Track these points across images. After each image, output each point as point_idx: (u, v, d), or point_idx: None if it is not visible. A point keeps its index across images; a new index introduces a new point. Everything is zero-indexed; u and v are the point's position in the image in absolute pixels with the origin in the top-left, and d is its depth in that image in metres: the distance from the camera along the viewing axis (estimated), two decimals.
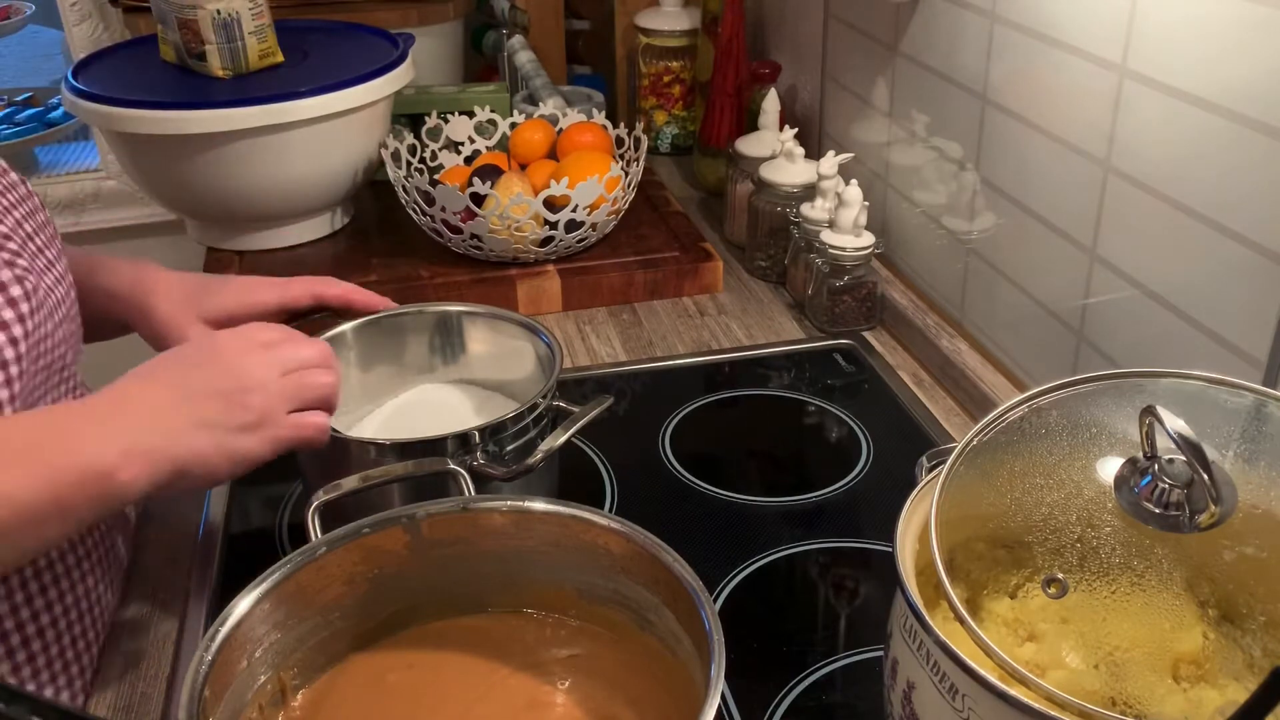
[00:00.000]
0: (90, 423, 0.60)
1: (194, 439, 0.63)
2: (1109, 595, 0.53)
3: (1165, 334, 0.79)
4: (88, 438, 0.59)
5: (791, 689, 0.71)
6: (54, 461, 0.57)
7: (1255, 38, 0.68)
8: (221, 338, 0.69)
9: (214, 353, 0.67)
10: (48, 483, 0.57)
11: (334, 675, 0.61)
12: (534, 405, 0.77)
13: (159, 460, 0.61)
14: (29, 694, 0.41)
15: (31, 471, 0.56)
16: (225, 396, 0.65)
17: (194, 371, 0.65)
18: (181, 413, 0.63)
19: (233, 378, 0.65)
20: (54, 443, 0.58)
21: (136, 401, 0.63)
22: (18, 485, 0.56)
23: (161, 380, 0.65)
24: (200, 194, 1.21)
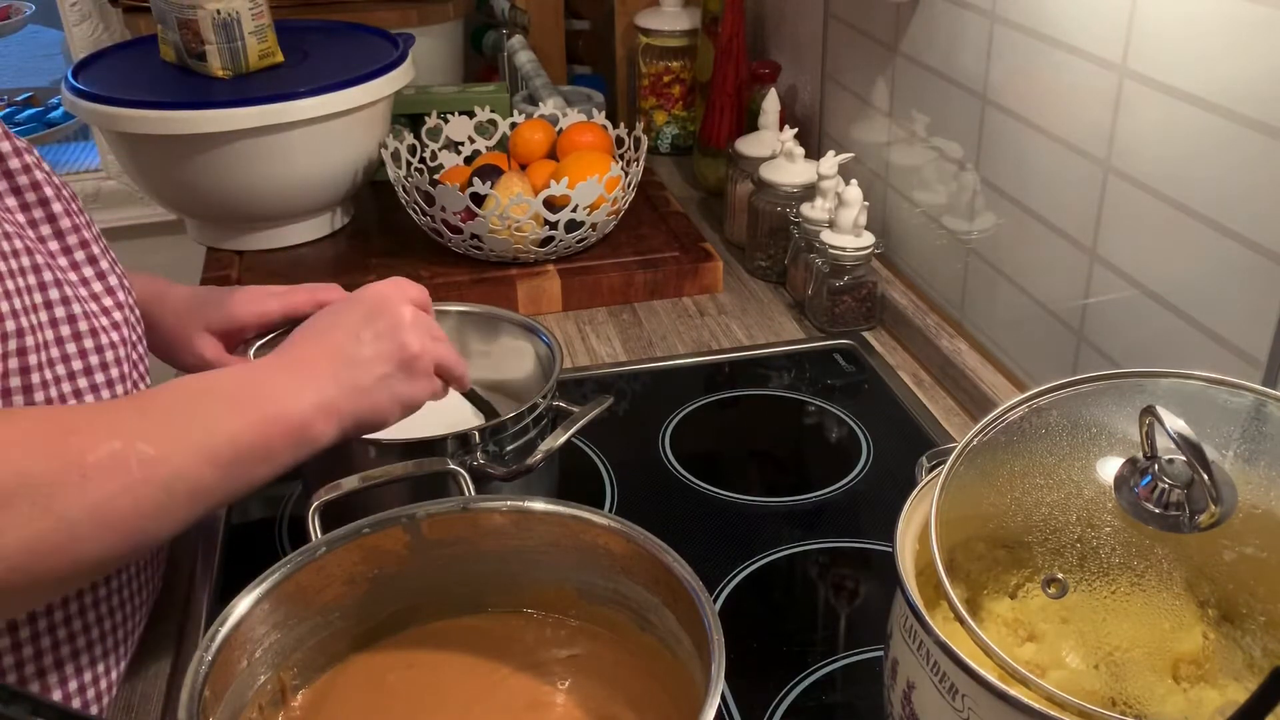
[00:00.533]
0: (289, 378, 0.68)
1: (374, 394, 0.70)
2: (1109, 595, 0.53)
3: (1165, 334, 0.79)
4: (289, 392, 0.66)
5: (791, 689, 0.71)
6: (265, 411, 0.64)
7: (1255, 37, 0.68)
8: (385, 289, 0.74)
9: (382, 302, 0.73)
10: (261, 429, 0.64)
11: (334, 675, 0.61)
12: (534, 405, 0.77)
13: (345, 414, 0.68)
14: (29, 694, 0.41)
15: (249, 418, 0.64)
16: (393, 343, 0.71)
17: (366, 326, 0.71)
18: (363, 370, 0.70)
19: (398, 326, 0.72)
20: (263, 395, 0.66)
21: (323, 360, 0.69)
22: (240, 429, 0.63)
23: (340, 334, 0.71)
24: (200, 194, 1.21)
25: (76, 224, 0.69)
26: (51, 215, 0.68)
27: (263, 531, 0.87)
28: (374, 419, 0.71)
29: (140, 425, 0.59)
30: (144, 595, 0.76)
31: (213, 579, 0.81)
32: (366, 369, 0.70)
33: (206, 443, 0.61)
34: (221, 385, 0.67)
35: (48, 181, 0.68)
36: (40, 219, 0.67)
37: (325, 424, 0.67)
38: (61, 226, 0.68)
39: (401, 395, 0.71)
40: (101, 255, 0.70)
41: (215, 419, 0.63)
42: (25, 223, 0.67)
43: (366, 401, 0.69)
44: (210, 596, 0.79)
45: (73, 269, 0.68)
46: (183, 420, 0.62)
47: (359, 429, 0.70)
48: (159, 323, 0.84)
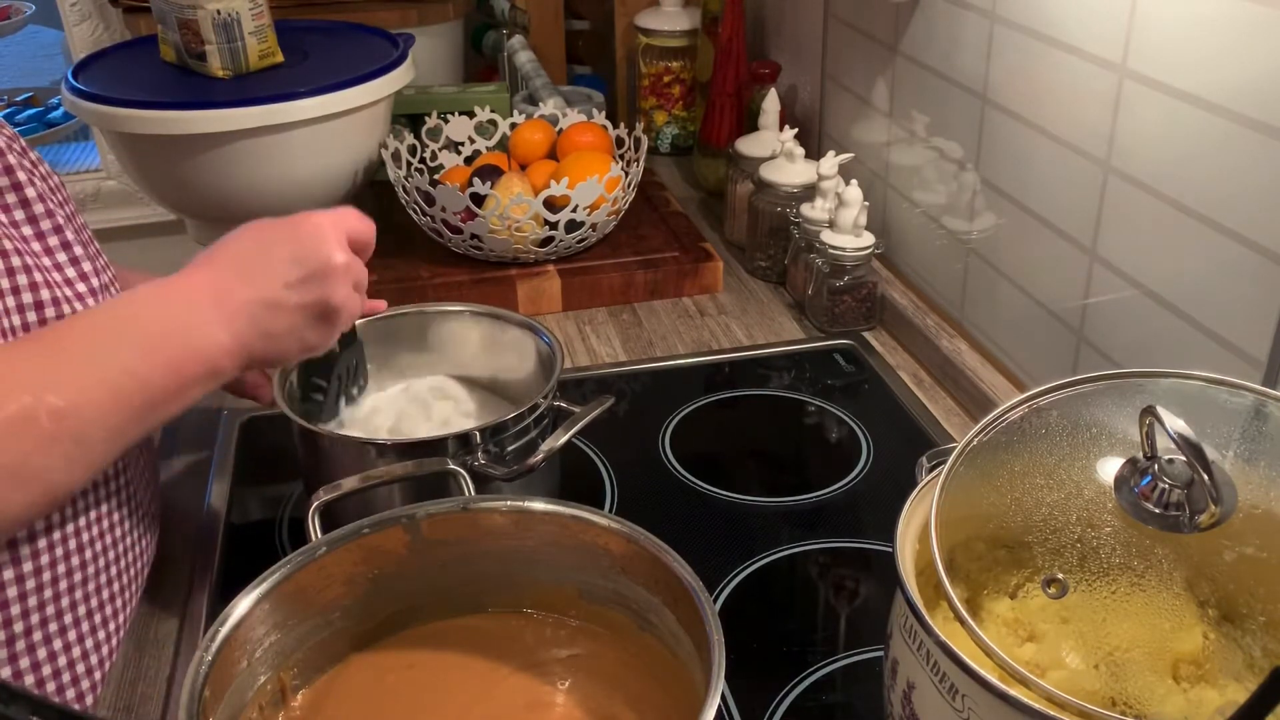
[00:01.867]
0: (208, 312, 0.67)
1: (284, 339, 0.70)
2: (1109, 595, 0.53)
3: (1165, 334, 0.79)
4: (205, 328, 0.66)
5: (791, 689, 0.71)
6: (179, 352, 0.64)
7: (1255, 38, 0.68)
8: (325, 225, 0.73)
9: (317, 243, 0.71)
10: (174, 369, 0.64)
11: (334, 675, 0.61)
12: (535, 405, 0.77)
13: (252, 355, 0.69)
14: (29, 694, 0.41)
15: (162, 359, 0.64)
16: (318, 293, 0.70)
17: (296, 266, 0.70)
18: (282, 317, 0.69)
19: (327, 274, 0.71)
20: (178, 333, 0.65)
21: (245, 296, 0.68)
22: (152, 370, 0.63)
23: (268, 271, 0.70)
24: (200, 194, 1.21)
25: (50, 209, 0.69)
26: (25, 200, 0.68)
27: (263, 531, 0.87)
28: (274, 360, 0.72)
29: (49, 375, 0.59)
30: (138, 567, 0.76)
31: (213, 579, 0.81)
32: (285, 316, 0.69)
33: (118, 386, 0.61)
34: (136, 319, 0.65)
35: (20, 167, 0.68)
36: (13, 204, 0.67)
37: (232, 363, 0.67)
38: (35, 212, 0.68)
39: (308, 342, 0.72)
40: (75, 241, 0.70)
41: (127, 360, 0.62)
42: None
43: (274, 346, 0.70)
44: (210, 596, 0.79)
45: (45, 254, 0.68)
46: (91, 363, 0.61)
47: (255, 365, 0.71)
48: None
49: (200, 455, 0.95)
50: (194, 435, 0.97)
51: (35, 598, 0.67)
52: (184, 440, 0.97)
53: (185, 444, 0.97)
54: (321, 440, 0.77)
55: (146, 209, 1.83)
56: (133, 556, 0.76)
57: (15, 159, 0.68)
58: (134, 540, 0.76)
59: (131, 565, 0.76)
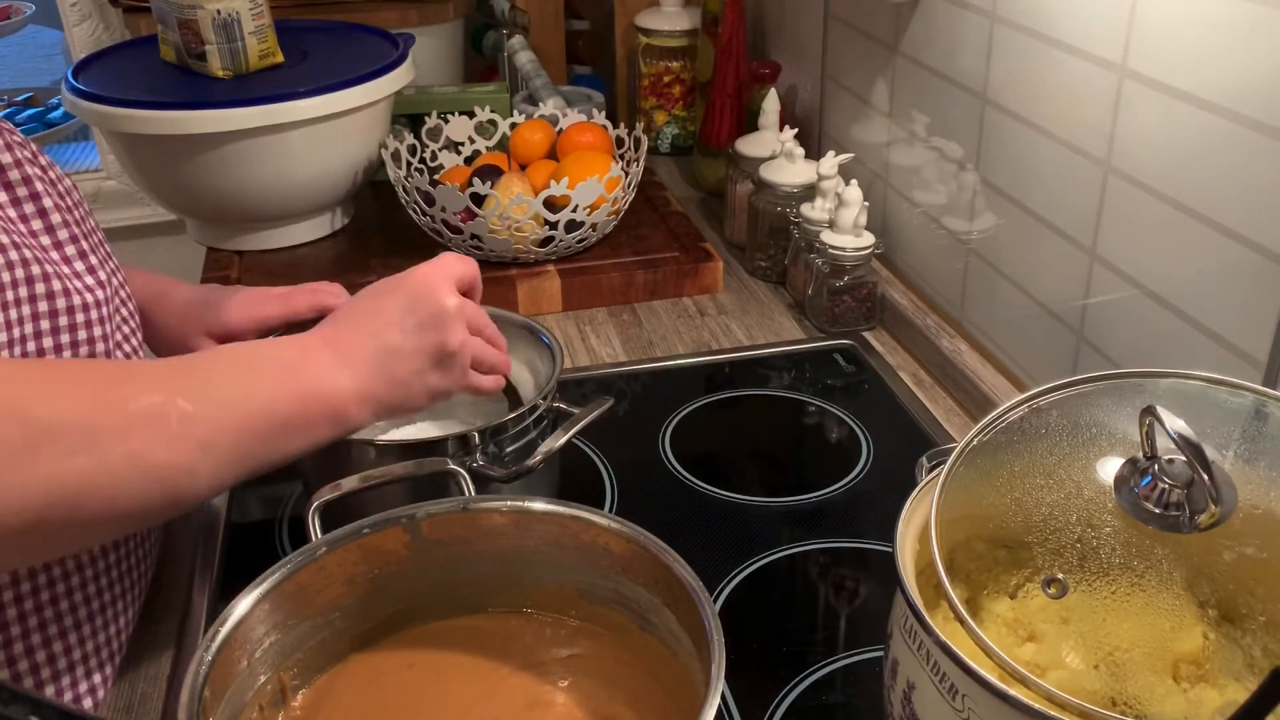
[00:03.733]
0: (331, 359, 0.69)
1: (409, 385, 0.72)
2: (1109, 595, 0.53)
3: (1165, 334, 0.79)
4: (330, 372, 0.69)
5: (791, 689, 0.71)
6: (305, 386, 0.67)
7: (1255, 38, 0.68)
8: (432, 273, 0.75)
9: (429, 292, 0.73)
10: (300, 403, 0.66)
11: (334, 675, 0.61)
12: (534, 406, 0.77)
13: (380, 402, 0.71)
14: (29, 694, 0.40)
15: (288, 390, 0.66)
16: (434, 337, 0.72)
17: (409, 314, 0.72)
18: (402, 362, 0.72)
19: (441, 319, 0.73)
20: (304, 371, 0.68)
21: (365, 346, 0.71)
22: (279, 398, 0.65)
23: (383, 321, 0.72)
24: (200, 194, 1.21)
25: (58, 205, 0.69)
26: (35, 194, 0.68)
27: (263, 531, 0.87)
28: (405, 407, 0.73)
29: (181, 383, 0.62)
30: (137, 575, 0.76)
31: (213, 579, 0.81)
32: (405, 361, 0.72)
33: (244, 408, 0.64)
34: (264, 355, 0.69)
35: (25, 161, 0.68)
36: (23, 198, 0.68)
37: (360, 409, 0.70)
38: (44, 205, 0.68)
39: (434, 387, 0.74)
40: (84, 237, 0.70)
41: (255, 386, 0.65)
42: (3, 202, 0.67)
43: (401, 392, 0.72)
44: (210, 596, 0.79)
45: (55, 248, 0.68)
46: (223, 383, 0.64)
47: (389, 415, 0.73)
48: (160, 324, 0.85)
49: None
50: None
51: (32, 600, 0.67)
52: None
53: None
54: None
55: (146, 209, 1.83)
56: (135, 559, 0.76)
57: (17, 154, 0.68)
58: (137, 542, 0.76)
59: (135, 568, 0.76)
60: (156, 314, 0.85)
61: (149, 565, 0.79)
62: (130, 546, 0.75)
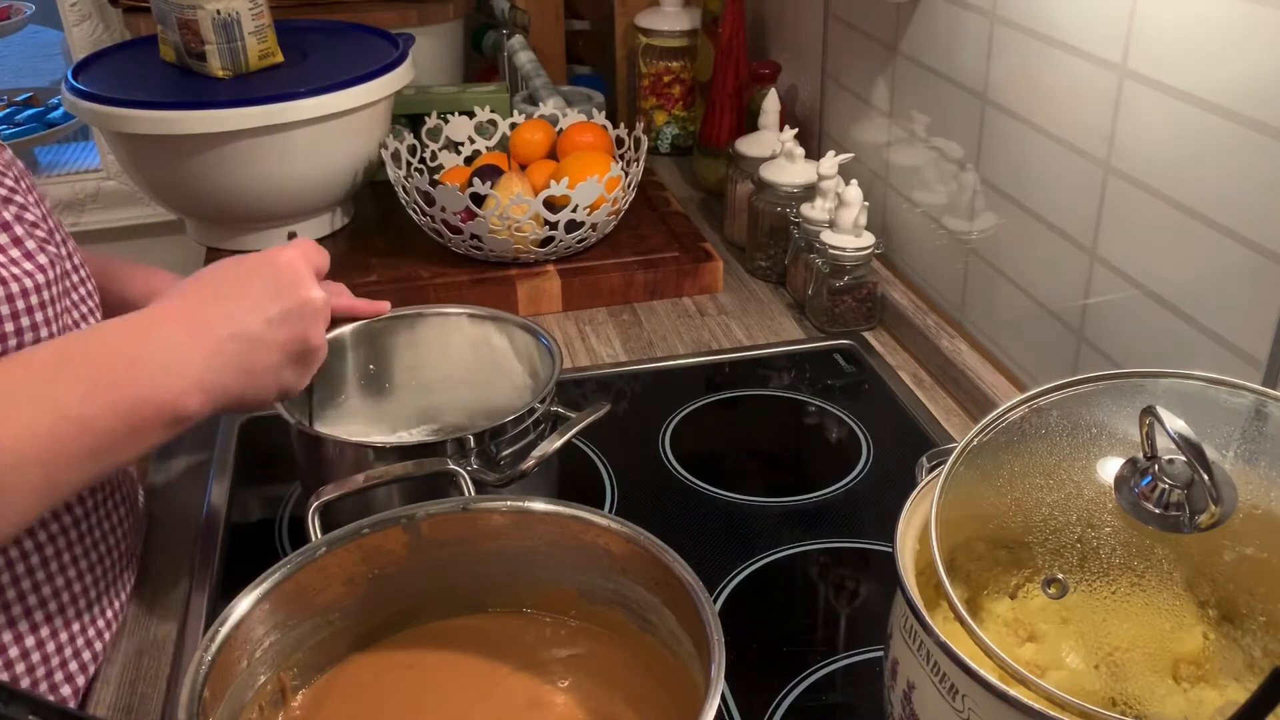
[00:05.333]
0: (182, 344, 0.63)
1: (261, 378, 0.67)
2: (1109, 595, 0.53)
3: (1165, 334, 0.79)
4: (173, 364, 0.62)
5: (791, 689, 0.71)
6: (132, 394, 0.60)
7: (1255, 38, 0.68)
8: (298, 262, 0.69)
9: (296, 280, 0.68)
10: (126, 414, 0.60)
11: (334, 675, 0.61)
12: (531, 410, 0.77)
13: (225, 393, 0.65)
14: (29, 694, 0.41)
15: (111, 402, 0.59)
16: (298, 332, 0.67)
17: (275, 302, 0.67)
18: (261, 354, 0.66)
19: (307, 313, 0.68)
20: (128, 372, 0.61)
21: (223, 330, 0.65)
22: (93, 411, 0.59)
23: (248, 305, 0.66)
24: (200, 194, 1.21)
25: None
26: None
27: (263, 531, 0.87)
28: (250, 402, 0.67)
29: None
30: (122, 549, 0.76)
31: (213, 579, 0.81)
32: (265, 354, 0.66)
33: (53, 432, 0.57)
34: (86, 356, 0.61)
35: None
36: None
37: (199, 402, 0.63)
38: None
39: (285, 384, 0.69)
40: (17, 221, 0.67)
41: (68, 400, 0.58)
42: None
43: (250, 384, 0.66)
44: (210, 596, 0.79)
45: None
46: (22, 406, 0.57)
47: (229, 409, 0.66)
48: None
49: (200, 455, 0.95)
50: (194, 435, 0.97)
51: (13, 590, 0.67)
52: (184, 441, 0.97)
53: (185, 444, 0.97)
54: (319, 443, 0.77)
55: (146, 209, 1.83)
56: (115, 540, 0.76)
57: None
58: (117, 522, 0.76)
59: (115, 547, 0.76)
60: None
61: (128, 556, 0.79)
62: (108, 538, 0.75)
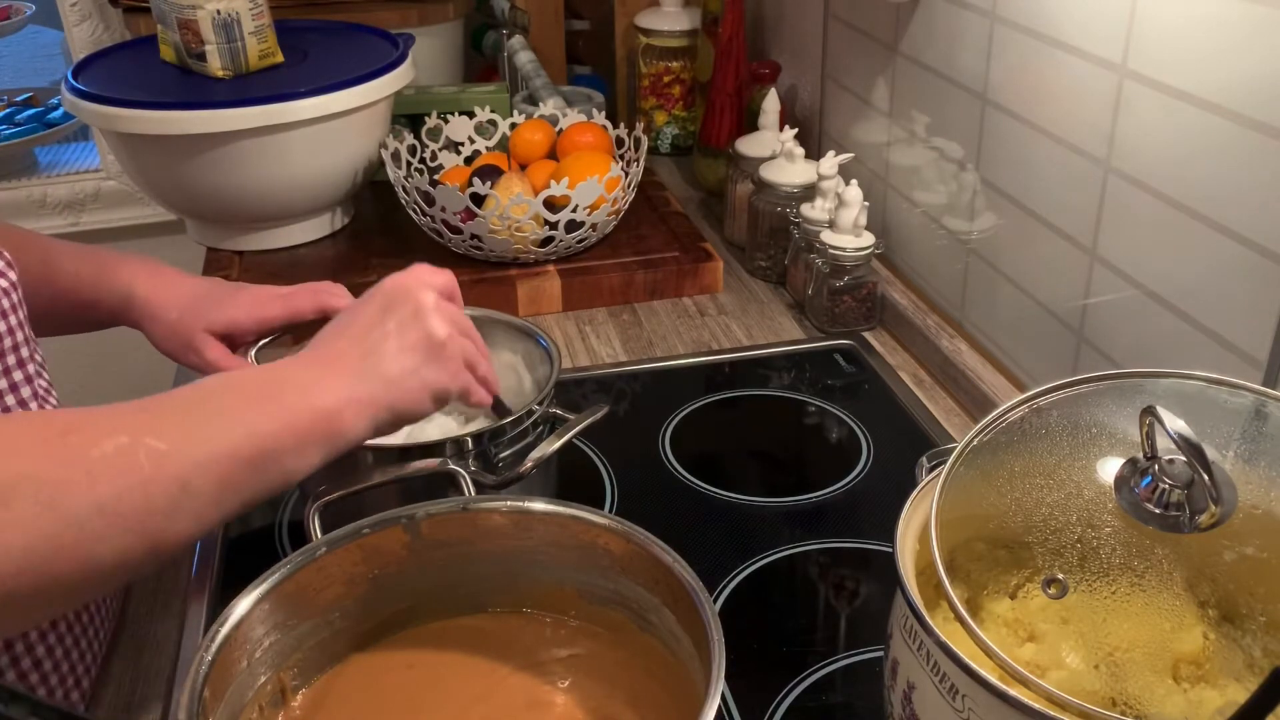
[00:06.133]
0: (313, 374, 0.66)
1: (404, 383, 0.68)
2: (1109, 596, 0.53)
3: (1165, 334, 0.79)
4: (314, 386, 0.64)
5: (791, 689, 0.71)
6: (289, 404, 0.62)
7: (1255, 38, 0.68)
8: (402, 278, 0.72)
9: (404, 292, 0.70)
10: (287, 422, 0.61)
11: (334, 675, 0.61)
12: (529, 412, 0.77)
13: (377, 406, 0.66)
14: (29, 694, 0.41)
15: (271, 412, 0.61)
16: (418, 331, 0.69)
17: (387, 316, 0.69)
18: (389, 361, 0.68)
19: (421, 313, 0.70)
20: (285, 390, 0.63)
21: (346, 354, 0.67)
22: (262, 422, 0.61)
23: (361, 327, 0.69)
24: (200, 194, 1.21)
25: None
26: None
27: (262, 531, 0.87)
28: (407, 410, 0.68)
29: (147, 421, 0.57)
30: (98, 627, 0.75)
31: (213, 579, 0.81)
32: (393, 360, 0.68)
33: (226, 437, 0.59)
34: (241, 382, 0.65)
35: None
36: None
37: (356, 417, 0.65)
38: None
39: (432, 383, 0.69)
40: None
41: (234, 414, 0.61)
42: None
43: (396, 392, 0.67)
44: (210, 596, 0.79)
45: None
46: (197, 416, 0.60)
47: (394, 421, 0.68)
48: (160, 318, 0.84)
49: None
50: None
51: None
52: None
53: None
54: None
55: (146, 209, 1.83)
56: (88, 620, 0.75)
57: None
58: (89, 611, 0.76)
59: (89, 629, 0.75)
60: (156, 306, 0.84)
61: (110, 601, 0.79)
62: None
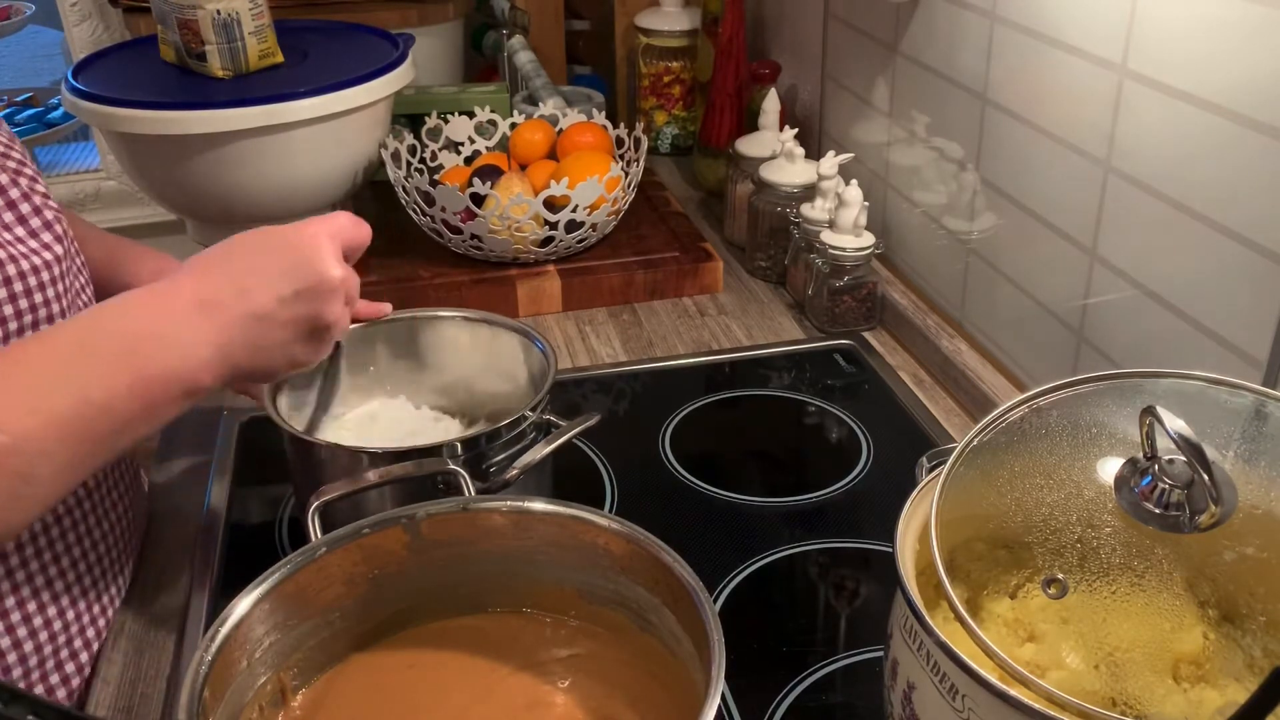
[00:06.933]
0: (194, 321, 0.63)
1: (272, 353, 0.67)
2: (1109, 595, 0.53)
3: (1165, 334, 0.79)
4: (187, 342, 0.62)
5: (791, 689, 0.71)
6: (145, 371, 0.60)
7: (1255, 38, 0.68)
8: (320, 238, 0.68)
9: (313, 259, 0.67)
10: (144, 390, 0.60)
11: (334, 675, 0.61)
12: (523, 417, 0.77)
13: (236, 368, 0.65)
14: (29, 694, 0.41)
15: (124, 380, 0.59)
16: (311, 309, 0.67)
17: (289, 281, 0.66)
18: (272, 331, 0.66)
19: (322, 291, 0.67)
20: (155, 348, 0.61)
21: (235, 308, 0.64)
22: (113, 394, 0.59)
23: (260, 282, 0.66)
24: (200, 194, 1.21)
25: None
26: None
27: (263, 532, 0.87)
28: (259, 375, 0.69)
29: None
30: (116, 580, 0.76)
31: (213, 579, 0.81)
32: (275, 331, 0.66)
33: (75, 419, 0.57)
34: (101, 337, 0.61)
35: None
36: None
37: (213, 377, 0.64)
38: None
39: (296, 358, 0.69)
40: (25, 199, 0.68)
41: (87, 387, 0.58)
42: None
43: (262, 359, 0.67)
44: (210, 596, 0.79)
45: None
46: (47, 394, 0.57)
47: (240, 381, 0.68)
48: None
49: (200, 456, 0.95)
50: (194, 436, 0.97)
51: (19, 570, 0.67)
52: (184, 441, 0.97)
53: (185, 444, 0.97)
54: (313, 449, 0.76)
55: (146, 209, 1.83)
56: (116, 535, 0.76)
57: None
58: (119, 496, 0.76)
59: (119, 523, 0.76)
60: None
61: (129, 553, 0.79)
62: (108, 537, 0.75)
